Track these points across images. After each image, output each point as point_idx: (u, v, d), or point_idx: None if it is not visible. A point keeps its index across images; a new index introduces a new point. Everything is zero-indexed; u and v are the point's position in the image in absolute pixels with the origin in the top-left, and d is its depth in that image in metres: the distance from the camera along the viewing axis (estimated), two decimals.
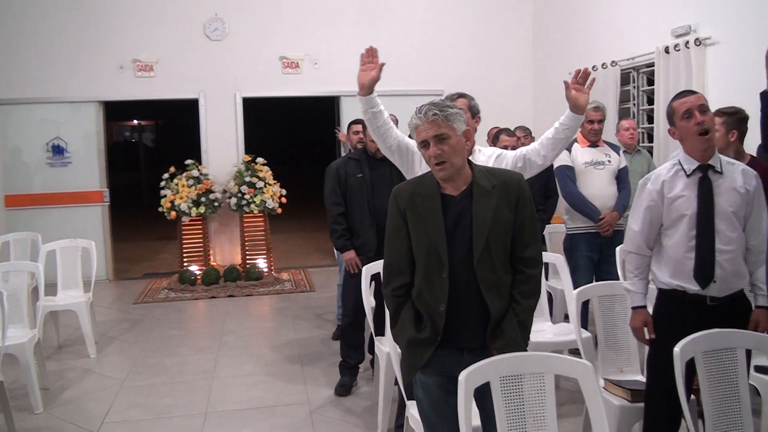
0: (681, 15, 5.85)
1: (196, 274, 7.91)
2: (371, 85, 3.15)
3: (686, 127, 2.75)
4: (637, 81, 6.80)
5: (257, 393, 4.56)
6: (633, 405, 3.02)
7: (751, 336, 2.63)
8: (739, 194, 2.75)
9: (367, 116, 3.22)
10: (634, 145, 5.55)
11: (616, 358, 3.34)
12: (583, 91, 3.16)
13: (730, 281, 2.74)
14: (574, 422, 3.71)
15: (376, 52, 3.19)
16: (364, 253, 4.40)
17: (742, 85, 4.95)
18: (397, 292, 2.50)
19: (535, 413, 2.29)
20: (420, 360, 2.43)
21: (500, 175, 2.50)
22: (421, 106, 2.45)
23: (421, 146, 2.45)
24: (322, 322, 6.29)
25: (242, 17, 8.35)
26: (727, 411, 2.49)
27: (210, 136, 8.46)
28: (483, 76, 8.45)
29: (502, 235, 2.42)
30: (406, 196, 2.48)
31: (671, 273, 2.81)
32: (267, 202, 7.83)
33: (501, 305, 2.42)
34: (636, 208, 2.91)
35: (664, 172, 2.84)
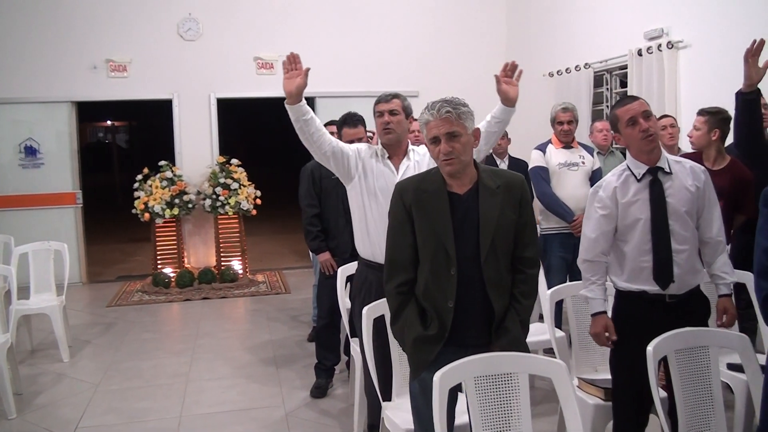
0: (653, 18, 5.93)
1: (170, 276, 7.84)
2: (299, 93, 3.07)
3: (631, 134, 2.77)
4: (611, 83, 6.87)
5: (232, 396, 4.53)
6: (607, 403, 3.03)
7: (723, 334, 2.67)
8: (690, 193, 2.78)
9: (299, 125, 3.15)
10: (608, 146, 5.60)
11: (590, 358, 3.37)
12: (513, 84, 3.18)
13: (687, 279, 2.78)
14: (549, 421, 3.74)
15: (299, 58, 3.11)
16: (339, 255, 4.38)
17: (713, 88, 5.03)
18: (401, 288, 2.53)
19: (509, 413, 2.30)
20: (428, 357, 2.46)
21: (504, 175, 2.56)
22: (433, 102, 2.47)
23: (430, 142, 2.46)
24: (298, 324, 6.26)
25: (216, 17, 8.29)
26: (700, 408, 2.52)
27: (184, 137, 8.40)
28: (457, 77, 8.44)
29: (507, 235, 2.48)
30: (412, 192, 2.51)
31: (629, 277, 2.83)
32: (242, 204, 7.79)
33: (504, 304, 2.49)
34: (589, 216, 2.91)
35: (615, 179, 2.86)
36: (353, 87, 8.28)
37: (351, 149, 3.31)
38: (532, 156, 5.04)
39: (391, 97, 3.33)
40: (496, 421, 2.28)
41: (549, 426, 3.68)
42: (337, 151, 3.26)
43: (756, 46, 2.91)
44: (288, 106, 3.11)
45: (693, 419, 2.51)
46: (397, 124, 3.29)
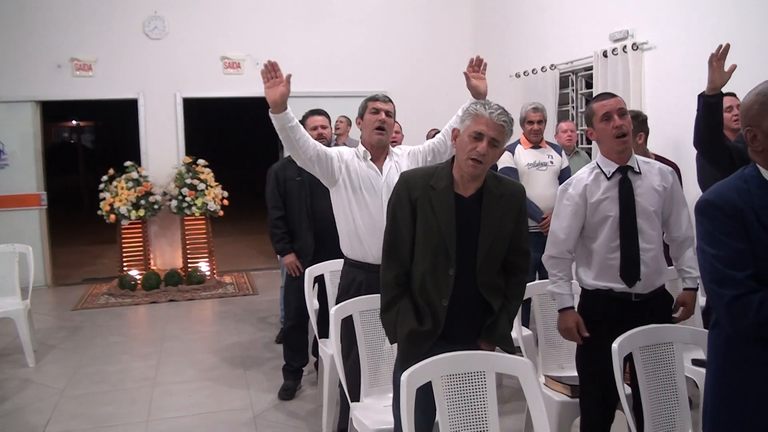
0: (619, 20, 6.00)
1: (137, 278, 7.73)
2: (283, 102, 3.02)
3: (605, 130, 2.80)
4: (576, 84, 6.94)
5: (199, 399, 4.48)
6: (573, 400, 3.06)
7: (687, 331, 2.71)
8: (658, 193, 2.83)
9: (284, 133, 3.10)
10: (573, 146, 5.67)
11: (556, 355, 3.40)
12: (481, 78, 3.23)
13: (653, 278, 2.82)
14: (517, 419, 3.77)
15: (277, 66, 3.05)
16: (303, 257, 4.36)
17: (677, 89, 5.12)
18: (399, 279, 2.56)
19: (477, 411, 2.31)
20: (420, 351, 2.46)
21: (507, 184, 2.61)
22: (490, 102, 2.50)
23: (471, 136, 2.45)
24: (265, 326, 6.22)
25: (182, 16, 8.21)
26: (664, 403, 2.56)
27: (150, 137, 8.29)
28: (425, 77, 8.51)
29: (504, 242, 2.54)
30: (420, 186, 2.52)
31: (596, 274, 2.85)
32: (208, 205, 7.72)
33: (498, 305, 2.55)
34: (559, 213, 2.93)
35: (585, 176, 2.88)
36: (321, 87, 8.25)
37: (333, 152, 3.30)
38: (502, 157, 5.05)
39: (388, 99, 3.34)
40: (464, 420, 2.29)
41: (517, 423, 3.70)
42: (321, 155, 3.23)
43: (721, 51, 2.96)
44: (273, 116, 3.07)
45: (658, 414, 2.54)
46: (389, 126, 3.31)
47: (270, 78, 3.05)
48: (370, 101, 3.32)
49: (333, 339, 3.05)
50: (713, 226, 1.88)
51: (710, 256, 1.88)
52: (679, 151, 4.91)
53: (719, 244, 1.86)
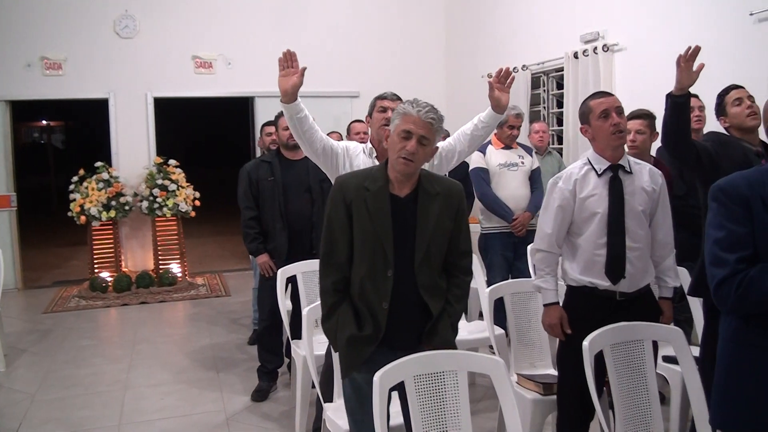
0: (589, 22, 6.07)
1: (108, 280, 7.64)
2: (294, 92, 3.06)
3: (602, 127, 2.82)
4: (548, 85, 7.00)
5: (172, 402, 4.44)
6: (545, 398, 3.09)
7: (658, 328, 2.75)
8: (647, 193, 2.86)
9: (293, 122, 3.14)
10: (545, 147, 5.71)
11: (528, 353, 3.42)
12: (505, 91, 3.22)
13: (638, 277, 2.85)
14: (490, 418, 3.79)
15: (295, 56, 3.10)
16: (277, 257, 4.35)
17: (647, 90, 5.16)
18: (337, 285, 2.50)
19: (449, 410, 2.32)
20: (360, 357, 2.44)
21: (444, 183, 2.57)
22: (419, 100, 2.47)
23: (400, 135, 2.43)
24: (238, 327, 6.19)
25: (153, 14, 8.12)
26: (635, 401, 2.58)
27: (120, 137, 8.19)
28: (397, 78, 8.47)
29: (442, 242, 2.50)
30: (354, 190, 2.47)
31: (582, 269, 2.88)
32: (180, 205, 7.65)
33: (439, 307, 2.49)
34: (547, 207, 2.94)
35: (576, 171, 2.90)
36: None
37: (340, 147, 3.29)
38: (473, 157, 5.07)
39: (397, 97, 3.32)
40: (436, 419, 2.29)
41: (490, 422, 3.72)
42: (327, 148, 3.23)
43: (690, 53, 3.00)
44: (283, 105, 3.10)
45: (629, 411, 2.56)
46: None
47: (285, 67, 3.08)
48: (379, 99, 3.31)
49: (306, 340, 3.04)
50: (719, 211, 1.98)
51: (711, 239, 1.97)
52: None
53: (720, 228, 1.95)
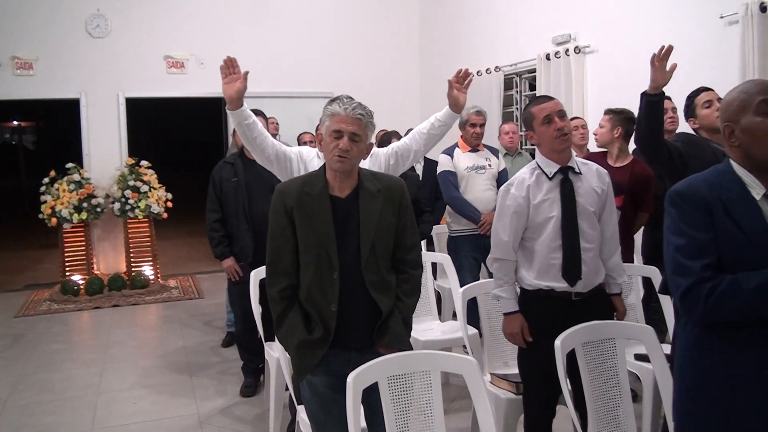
0: (561, 24, 6.12)
1: (80, 283, 7.53)
2: (240, 98, 3.02)
3: (546, 132, 2.83)
4: (520, 86, 7.05)
5: (144, 406, 4.39)
6: (519, 397, 3.10)
7: (629, 326, 2.78)
8: (596, 193, 2.89)
9: (241, 129, 3.10)
10: (515, 147, 5.75)
11: (501, 353, 3.43)
12: (463, 91, 3.25)
13: (592, 276, 2.87)
14: (464, 417, 3.79)
15: (236, 62, 3.06)
16: (243, 259, 4.33)
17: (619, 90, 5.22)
18: (284, 293, 2.48)
19: (423, 410, 2.32)
20: (312, 361, 2.43)
21: (384, 179, 2.56)
22: (345, 98, 2.50)
23: (331, 135, 2.43)
24: (211, 330, 6.15)
25: (126, 14, 8.04)
26: (608, 398, 2.61)
27: (92, 138, 8.09)
28: (372, 79, 8.52)
29: (387, 238, 2.49)
30: (294, 195, 2.46)
31: (538, 274, 2.88)
32: (152, 207, 7.57)
33: (389, 305, 2.48)
34: (502, 214, 2.94)
35: (528, 177, 2.91)
36: (266, 87, 8.19)
37: (293, 152, 3.28)
38: (440, 160, 5.09)
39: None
40: (410, 420, 2.29)
41: (464, 422, 3.73)
42: (280, 154, 3.21)
43: (664, 52, 3.03)
44: (229, 112, 3.06)
45: (601, 409, 2.58)
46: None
47: (228, 74, 3.04)
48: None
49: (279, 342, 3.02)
50: (679, 216, 1.94)
51: (672, 247, 1.94)
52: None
53: (681, 234, 1.92)
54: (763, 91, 1.91)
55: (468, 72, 3.26)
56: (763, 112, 1.89)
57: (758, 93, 1.91)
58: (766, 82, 1.96)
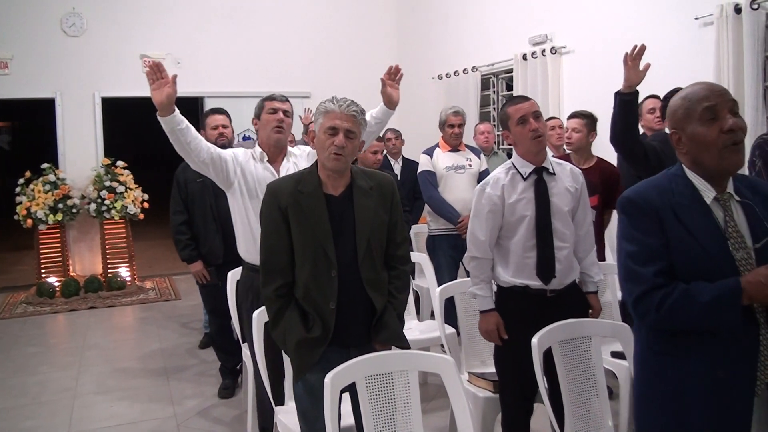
0: (538, 25, 6.16)
1: (55, 285, 7.44)
2: (171, 103, 2.96)
3: (521, 133, 2.86)
4: (497, 86, 7.08)
5: (121, 409, 4.35)
6: (497, 396, 3.11)
7: (605, 324, 2.81)
8: (570, 193, 2.92)
9: (174, 136, 3.04)
10: (490, 147, 5.77)
11: (479, 351, 3.45)
12: (396, 87, 3.28)
13: (566, 274, 2.90)
14: (442, 416, 3.80)
15: (162, 66, 2.98)
16: (211, 262, 4.29)
17: (593, 90, 5.28)
18: (280, 292, 2.48)
19: (401, 410, 2.33)
20: (312, 359, 2.43)
21: (375, 177, 2.59)
22: (340, 97, 2.50)
23: (326, 132, 2.44)
24: (188, 331, 6.11)
25: (101, 12, 7.95)
26: (584, 395, 2.63)
27: (67, 138, 7.99)
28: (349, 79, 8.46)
29: (381, 235, 2.52)
30: (287, 194, 2.47)
31: (513, 272, 2.90)
32: (128, 208, 7.51)
33: (383, 301, 2.51)
34: (478, 214, 2.96)
35: (503, 176, 2.93)
36: (244, 87, 8.17)
37: (228, 155, 3.25)
38: (421, 160, 5.12)
39: (285, 98, 3.32)
40: (388, 420, 2.30)
41: (442, 421, 3.74)
42: (215, 157, 3.18)
43: (637, 51, 3.06)
44: (161, 119, 2.99)
45: (578, 406, 2.61)
46: (288, 126, 3.30)
47: (156, 79, 2.96)
48: (267, 101, 3.30)
49: (256, 343, 3.01)
50: (630, 223, 1.94)
51: (624, 253, 1.94)
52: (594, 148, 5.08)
53: (632, 240, 1.92)
54: (707, 97, 1.88)
55: (398, 68, 3.30)
56: (706, 119, 1.87)
57: (702, 99, 1.89)
58: (709, 86, 1.93)
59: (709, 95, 1.88)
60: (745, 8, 4.16)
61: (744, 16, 4.17)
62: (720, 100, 1.87)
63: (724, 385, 1.85)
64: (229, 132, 4.43)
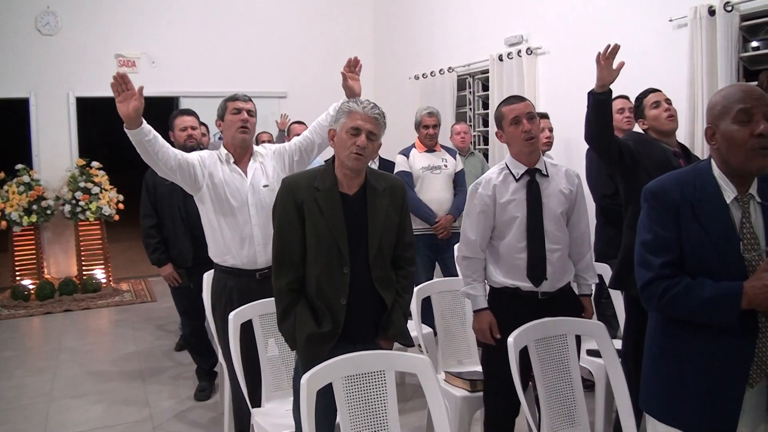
0: (514, 26, 6.18)
1: (30, 288, 7.35)
2: (138, 115, 2.91)
3: (514, 133, 2.88)
4: (473, 87, 7.10)
5: (97, 413, 4.31)
6: (473, 395, 3.14)
7: (580, 322, 2.83)
8: (564, 195, 2.93)
9: (141, 147, 3.01)
10: (467, 147, 5.80)
11: (455, 351, 3.47)
12: (356, 79, 3.31)
13: (558, 276, 2.91)
14: (420, 416, 3.81)
15: (128, 78, 2.92)
16: (181, 265, 4.27)
17: (568, 91, 5.32)
18: (292, 285, 2.53)
19: (378, 410, 2.34)
20: (321, 354, 2.44)
21: (387, 178, 2.65)
22: (361, 99, 2.56)
23: (349, 131, 2.47)
24: (164, 333, 6.08)
25: (76, 11, 7.85)
26: (561, 393, 2.66)
27: (42, 138, 7.87)
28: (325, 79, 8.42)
29: (391, 236, 2.59)
30: (304, 189, 2.51)
31: (505, 273, 2.92)
32: (103, 209, 7.44)
33: (391, 299, 2.57)
34: (470, 213, 2.97)
35: (495, 176, 2.94)
36: (219, 87, 8.11)
37: (195, 159, 3.23)
38: (397, 161, 5.14)
39: (249, 98, 3.33)
40: (365, 420, 2.31)
41: (420, 420, 3.75)
42: (183, 163, 3.16)
43: (610, 51, 3.08)
44: (129, 132, 2.95)
45: (555, 403, 2.63)
46: (252, 125, 3.31)
47: (121, 91, 2.90)
48: (230, 101, 3.30)
49: (232, 345, 3.00)
50: (649, 213, 2.03)
51: (640, 240, 2.04)
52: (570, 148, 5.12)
53: (648, 230, 2.02)
54: (743, 99, 1.95)
55: (357, 60, 3.34)
56: (740, 120, 1.94)
57: (738, 101, 1.95)
58: (749, 89, 1.99)
59: (746, 98, 1.95)
60: (718, 10, 4.20)
61: (718, 18, 4.21)
62: (756, 104, 1.93)
63: (719, 374, 1.94)
64: (197, 133, 4.39)
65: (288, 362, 3.04)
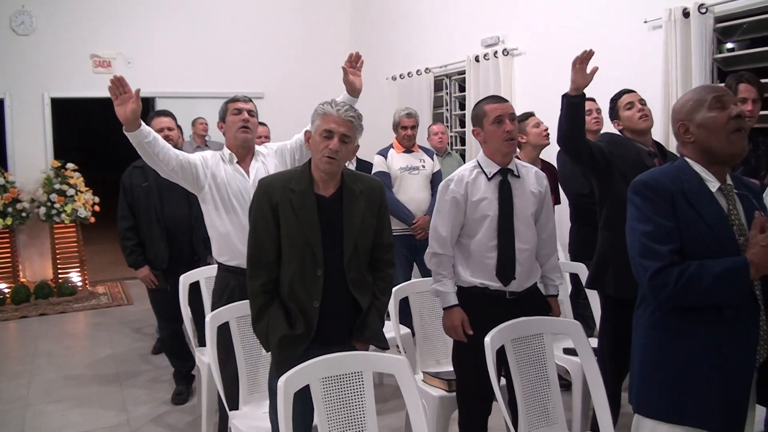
0: (490, 27, 6.22)
1: (5, 292, 7.26)
2: (136, 118, 2.94)
3: (495, 132, 2.88)
4: (450, 87, 7.13)
5: (74, 418, 4.26)
6: (451, 395, 3.14)
7: (557, 321, 2.85)
8: (534, 196, 2.95)
9: (141, 149, 3.03)
10: (444, 148, 5.82)
11: (433, 351, 3.48)
12: (357, 74, 3.32)
13: (527, 277, 2.93)
14: (398, 417, 3.81)
15: (124, 81, 2.95)
16: (157, 267, 4.25)
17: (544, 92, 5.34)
18: (266, 287, 2.52)
19: (355, 412, 2.34)
20: (294, 355, 2.44)
21: (365, 180, 2.63)
22: (337, 101, 2.53)
23: (321, 135, 2.46)
24: (141, 337, 6.03)
25: (51, 11, 7.75)
26: (538, 392, 2.68)
27: (16, 139, 7.76)
28: (302, 80, 8.47)
29: (368, 238, 2.57)
30: (279, 191, 2.49)
31: (473, 272, 2.93)
32: (79, 211, 7.36)
33: (367, 302, 2.57)
34: (440, 210, 2.98)
35: (467, 174, 2.95)
36: (197, 87, 8.08)
37: (197, 159, 3.25)
38: (375, 161, 5.14)
39: (249, 99, 3.35)
40: (342, 421, 2.31)
41: (398, 421, 3.75)
42: (184, 163, 3.17)
43: (585, 55, 3.12)
44: (129, 134, 2.97)
45: (532, 402, 2.65)
46: (253, 125, 3.32)
47: (118, 94, 2.92)
48: (231, 102, 3.33)
49: (209, 347, 2.99)
50: (644, 205, 2.05)
51: (639, 232, 2.04)
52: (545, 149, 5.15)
53: (648, 221, 2.03)
54: (714, 90, 2.11)
55: (359, 55, 3.35)
56: (715, 107, 2.06)
57: (709, 92, 2.10)
58: (714, 86, 2.15)
59: (716, 89, 2.12)
60: (693, 12, 4.25)
61: (692, 19, 4.26)
62: (725, 93, 2.10)
63: (728, 361, 1.98)
64: (174, 135, 4.37)
65: (265, 364, 3.03)
